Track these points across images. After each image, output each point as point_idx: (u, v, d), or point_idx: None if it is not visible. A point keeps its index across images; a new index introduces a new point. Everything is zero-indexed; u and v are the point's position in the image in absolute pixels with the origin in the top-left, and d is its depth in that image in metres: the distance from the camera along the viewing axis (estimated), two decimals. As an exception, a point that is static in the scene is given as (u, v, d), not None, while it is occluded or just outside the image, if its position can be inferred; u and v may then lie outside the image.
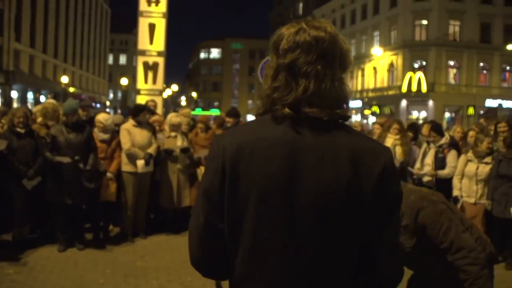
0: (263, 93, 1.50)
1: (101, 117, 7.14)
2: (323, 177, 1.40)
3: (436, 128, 7.65)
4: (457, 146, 7.56)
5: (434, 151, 7.36)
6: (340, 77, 1.49)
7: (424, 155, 7.51)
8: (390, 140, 7.50)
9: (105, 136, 7.06)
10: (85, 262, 6.11)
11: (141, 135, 7.18)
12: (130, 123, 7.25)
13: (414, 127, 8.37)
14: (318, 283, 1.43)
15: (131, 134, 7.09)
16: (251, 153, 1.42)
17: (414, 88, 38.01)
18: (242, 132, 1.49)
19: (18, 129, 6.42)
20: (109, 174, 6.95)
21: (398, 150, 7.43)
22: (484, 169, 6.74)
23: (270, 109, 1.48)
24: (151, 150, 7.18)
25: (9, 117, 6.72)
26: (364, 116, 42.54)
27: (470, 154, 6.95)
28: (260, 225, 1.41)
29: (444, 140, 7.38)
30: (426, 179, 7.30)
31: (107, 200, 7.04)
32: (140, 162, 7.06)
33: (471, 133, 8.05)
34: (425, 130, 8.23)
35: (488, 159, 6.78)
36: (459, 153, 7.31)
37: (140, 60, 13.50)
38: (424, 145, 7.68)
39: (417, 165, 7.55)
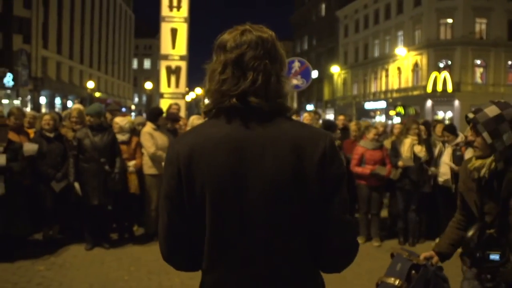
0: (211, 88, 1.58)
1: (117, 119, 7.35)
2: (268, 167, 1.51)
3: (450, 128, 7.66)
4: (471, 144, 7.55)
5: (451, 149, 7.35)
6: (282, 74, 1.61)
7: (440, 155, 7.51)
8: (408, 140, 7.51)
9: (124, 138, 7.16)
10: (110, 260, 6.32)
11: (162, 138, 7.35)
12: (150, 127, 7.39)
13: (427, 125, 8.34)
14: (275, 266, 1.56)
15: (154, 138, 7.26)
16: (201, 154, 1.54)
17: (439, 88, 37.56)
18: (193, 135, 1.61)
19: (47, 133, 6.67)
20: (131, 168, 7.10)
21: (417, 149, 7.43)
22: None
23: (218, 103, 1.57)
24: None
25: (39, 121, 6.98)
26: (388, 117, 42.17)
27: None
28: (216, 219, 1.54)
29: (460, 139, 7.38)
30: (442, 178, 7.30)
31: (133, 193, 7.20)
32: None
33: None
34: (438, 129, 8.23)
35: None
36: None
37: (163, 64, 13.67)
38: (439, 145, 7.67)
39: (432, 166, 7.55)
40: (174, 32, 13.54)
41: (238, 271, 1.56)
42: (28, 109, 33.15)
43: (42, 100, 41.31)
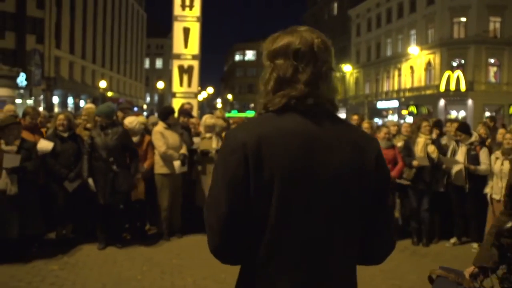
0: (288, 90, 1.63)
1: (126, 120, 7.34)
2: (335, 161, 1.60)
3: (463, 128, 7.57)
4: (485, 143, 7.55)
5: (465, 148, 7.28)
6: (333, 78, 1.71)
7: (454, 153, 7.43)
8: (422, 140, 7.45)
9: (134, 139, 7.16)
10: (123, 260, 6.32)
11: (173, 137, 7.34)
12: (161, 126, 7.39)
13: (439, 124, 8.25)
14: (335, 258, 1.62)
15: (165, 137, 7.26)
16: (271, 144, 1.55)
17: (452, 87, 37.22)
18: (257, 126, 1.61)
19: (61, 133, 6.69)
20: (139, 174, 7.08)
21: (431, 149, 7.37)
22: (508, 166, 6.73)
23: (290, 104, 1.62)
24: (184, 150, 7.35)
25: (53, 121, 7.00)
26: (401, 116, 41.94)
27: (498, 152, 6.93)
28: (284, 209, 1.55)
29: (474, 138, 7.31)
30: (457, 167, 7.25)
31: (138, 199, 7.21)
32: (177, 163, 7.23)
33: (501, 130, 8.04)
34: (450, 128, 8.16)
35: None
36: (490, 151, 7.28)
37: (175, 63, 13.72)
38: (453, 144, 7.59)
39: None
40: (186, 31, 13.59)
41: (298, 263, 1.58)
42: (41, 109, 33.45)
43: (55, 99, 41.64)
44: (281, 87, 1.63)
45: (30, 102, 33.42)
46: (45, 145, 6.46)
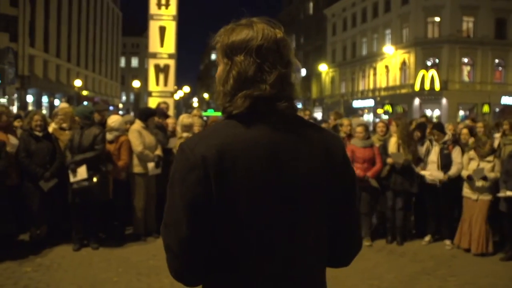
0: (230, 89, 1.51)
1: (109, 119, 7.28)
2: (303, 168, 1.52)
3: (439, 126, 7.71)
4: (458, 142, 7.68)
5: (438, 148, 7.38)
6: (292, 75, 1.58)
7: (428, 153, 7.52)
8: (394, 139, 7.54)
9: (110, 136, 7.07)
10: (99, 261, 6.25)
11: (149, 137, 7.31)
12: (139, 125, 7.32)
13: (423, 127, 8.32)
14: (308, 267, 1.56)
15: (142, 136, 7.20)
16: (233, 157, 1.44)
17: (427, 86, 37.70)
18: (216, 137, 1.48)
19: (36, 132, 6.59)
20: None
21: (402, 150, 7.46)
22: (486, 166, 6.88)
23: (254, 108, 1.49)
24: (159, 152, 7.31)
25: (27, 121, 6.90)
26: (376, 115, 42.31)
27: (472, 153, 7.09)
28: (250, 222, 1.46)
29: (447, 137, 7.43)
30: (430, 178, 7.33)
31: (121, 193, 7.13)
32: (151, 165, 7.19)
33: (464, 131, 8.25)
34: (429, 130, 8.27)
35: (490, 158, 6.93)
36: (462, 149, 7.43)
37: (151, 62, 13.61)
38: (427, 143, 7.69)
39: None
40: (162, 30, 13.50)
41: (265, 278, 1.49)
42: (14, 108, 32.89)
43: (29, 98, 40.94)
44: (242, 87, 1.48)
45: (3, 101, 32.82)
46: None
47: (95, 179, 6.58)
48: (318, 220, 1.57)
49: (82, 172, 6.51)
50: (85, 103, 8.91)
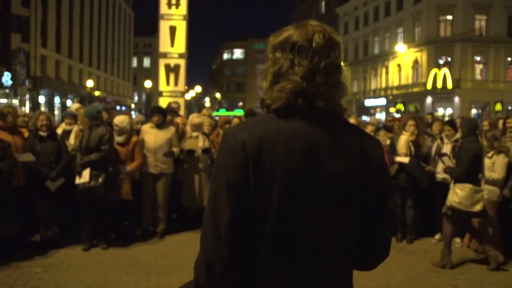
0: (289, 87, 1.54)
1: (116, 120, 7.26)
2: (339, 166, 1.55)
3: (452, 123, 7.65)
4: None
5: (450, 145, 7.30)
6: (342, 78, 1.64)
7: (439, 151, 7.44)
8: (404, 137, 7.46)
9: (120, 139, 7.11)
10: (108, 261, 6.25)
11: (156, 136, 7.41)
12: (148, 124, 7.58)
13: (419, 119, 8.28)
14: (336, 265, 1.59)
15: (146, 135, 7.42)
16: (272, 146, 1.49)
17: (439, 84, 37.49)
18: (258, 127, 1.54)
19: (41, 132, 6.60)
20: (122, 175, 7.03)
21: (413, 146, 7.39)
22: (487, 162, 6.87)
23: (293, 104, 1.54)
24: (175, 149, 7.48)
25: (33, 121, 6.90)
26: (389, 114, 42.07)
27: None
28: (285, 213, 1.50)
29: (459, 135, 7.34)
30: (441, 175, 7.24)
31: (125, 199, 7.12)
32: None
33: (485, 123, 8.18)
34: (435, 126, 8.17)
35: (490, 154, 6.87)
36: None
37: (162, 62, 13.65)
38: (437, 141, 7.62)
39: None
40: (173, 30, 13.52)
41: (298, 267, 1.53)
42: (26, 108, 33.12)
43: (41, 99, 41.21)
44: (278, 81, 1.57)
45: (15, 101, 33.11)
46: (25, 157, 6.38)
47: (100, 180, 6.57)
48: (349, 220, 1.59)
49: (85, 175, 6.53)
50: (96, 103, 8.98)
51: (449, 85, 37.20)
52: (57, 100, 46.03)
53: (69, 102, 45.16)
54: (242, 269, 1.55)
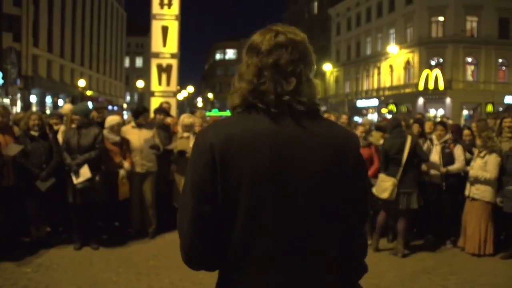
0: (244, 87, 1.58)
1: (107, 120, 7.30)
2: (310, 165, 1.53)
3: (443, 124, 7.71)
4: (459, 141, 7.64)
5: (440, 147, 7.34)
6: (312, 77, 1.66)
7: (428, 152, 7.47)
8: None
9: (116, 138, 7.17)
10: (99, 261, 6.23)
11: (139, 136, 7.41)
12: (130, 125, 7.59)
13: (420, 122, 8.29)
14: (308, 266, 1.55)
15: (128, 135, 7.41)
16: (240, 145, 1.50)
17: (431, 85, 37.66)
18: (227, 126, 1.57)
19: (33, 132, 6.57)
20: (122, 172, 7.07)
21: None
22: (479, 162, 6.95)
23: (251, 102, 1.57)
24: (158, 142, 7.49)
25: (24, 121, 6.86)
26: (381, 115, 42.19)
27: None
28: (252, 213, 1.50)
29: (448, 136, 7.39)
30: (433, 172, 7.30)
31: (124, 198, 7.17)
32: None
33: (466, 132, 8.26)
34: (428, 127, 8.20)
35: (483, 153, 6.92)
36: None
37: (154, 62, 13.58)
38: (427, 143, 7.66)
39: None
40: (165, 30, 13.46)
41: (269, 270, 1.53)
42: (18, 108, 32.93)
43: (33, 98, 40.97)
44: (241, 83, 1.61)
45: (6, 101, 32.88)
46: (12, 148, 6.32)
47: (97, 178, 6.60)
48: (324, 219, 1.57)
49: (85, 172, 6.50)
50: (89, 103, 9.00)
51: (441, 86, 37.38)
52: (48, 99, 45.77)
53: (60, 102, 44.96)
54: (217, 266, 1.62)
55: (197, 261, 1.62)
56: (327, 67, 49.35)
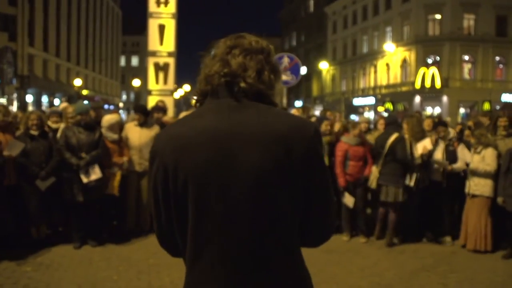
0: (201, 77, 1.66)
1: (104, 119, 7.30)
2: (253, 159, 1.48)
3: (444, 123, 7.69)
4: (462, 139, 7.64)
5: (443, 145, 7.33)
6: (274, 78, 1.65)
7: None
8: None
9: (115, 136, 7.17)
10: (99, 260, 6.21)
11: (140, 134, 7.41)
12: (132, 123, 7.59)
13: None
14: (259, 260, 1.51)
15: (129, 133, 7.44)
16: (185, 144, 1.52)
17: (427, 84, 37.64)
18: (177, 126, 1.61)
19: (32, 132, 6.55)
20: (116, 168, 7.06)
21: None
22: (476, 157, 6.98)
23: (204, 86, 1.63)
24: None
25: (24, 120, 6.87)
26: (377, 113, 42.19)
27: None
28: (199, 212, 1.51)
29: (452, 135, 7.39)
30: (436, 165, 7.32)
31: (110, 194, 7.09)
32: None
33: (466, 132, 8.30)
34: (427, 124, 8.18)
35: (479, 148, 6.93)
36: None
37: (151, 61, 13.57)
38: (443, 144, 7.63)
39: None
40: (162, 28, 13.45)
41: (220, 267, 1.51)
42: (14, 108, 32.84)
43: (29, 98, 40.87)
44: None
45: (3, 100, 32.78)
46: (14, 146, 6.29)
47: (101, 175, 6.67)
48: (270, 207, 1.50)
49: (96, 171, 6.56)
50: (86, 102, 8.96)
51: (438, 84, 37.38)
52: (45, 99, 45.68)
53: (57, 101, 44.81)
54: (181, 254, 1.65)
55: (167, 251, 1.73)
56: (324, 66, 49.29)
